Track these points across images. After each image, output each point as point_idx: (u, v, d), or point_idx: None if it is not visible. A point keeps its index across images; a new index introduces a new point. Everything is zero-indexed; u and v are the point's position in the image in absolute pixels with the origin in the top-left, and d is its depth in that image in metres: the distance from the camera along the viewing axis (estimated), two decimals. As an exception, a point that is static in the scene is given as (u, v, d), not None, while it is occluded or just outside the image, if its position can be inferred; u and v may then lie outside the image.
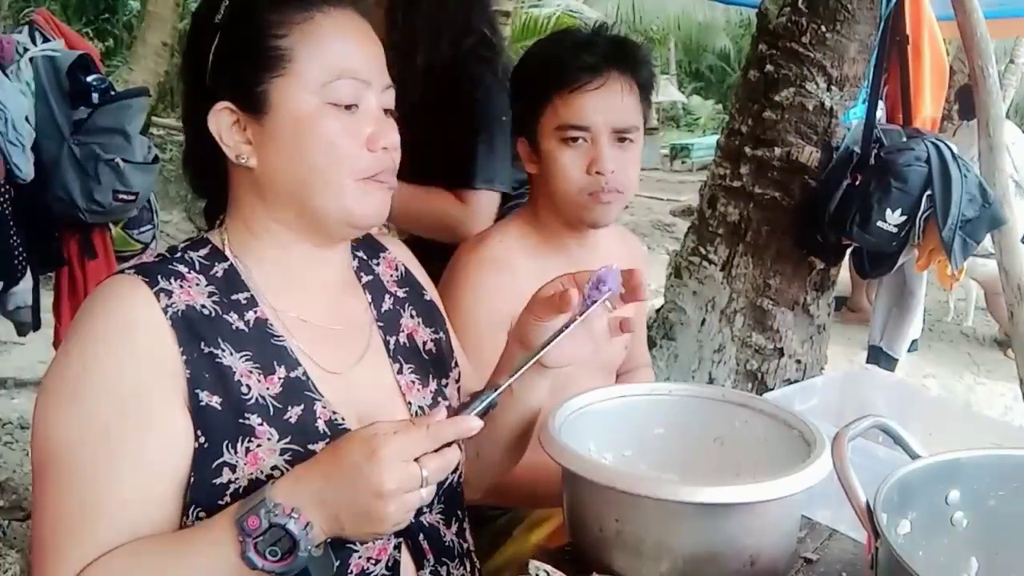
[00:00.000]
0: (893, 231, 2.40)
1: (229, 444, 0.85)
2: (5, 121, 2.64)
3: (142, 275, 0.88)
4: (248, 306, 0.92)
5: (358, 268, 1.07)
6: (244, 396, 0.87)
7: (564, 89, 1.35)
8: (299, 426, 0.89)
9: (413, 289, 1.12)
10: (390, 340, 1.04)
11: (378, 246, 1.13)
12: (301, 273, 0.97)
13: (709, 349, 2.63)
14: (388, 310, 1.06)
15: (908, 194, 2.38)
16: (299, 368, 0.92)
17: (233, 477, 0.84)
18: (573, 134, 1.36)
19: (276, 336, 0.92)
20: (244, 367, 0.88)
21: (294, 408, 0.89)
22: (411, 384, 1.03)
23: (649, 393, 1.21)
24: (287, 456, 0.86)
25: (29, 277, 2.85)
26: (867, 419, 0.89)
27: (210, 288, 0.91)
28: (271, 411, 0.88)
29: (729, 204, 2.59)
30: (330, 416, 0.91)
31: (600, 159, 1.36)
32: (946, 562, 0.88)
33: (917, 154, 2.40)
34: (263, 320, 0.93)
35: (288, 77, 0.89)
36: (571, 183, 1.38)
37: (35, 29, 2.85)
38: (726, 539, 0.94)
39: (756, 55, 2.57)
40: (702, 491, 0.92)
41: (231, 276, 0.94)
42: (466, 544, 1.07)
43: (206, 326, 0.88)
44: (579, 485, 1.00)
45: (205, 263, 0.94)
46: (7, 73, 2.70)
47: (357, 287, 1.05)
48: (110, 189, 2.85)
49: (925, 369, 4.93)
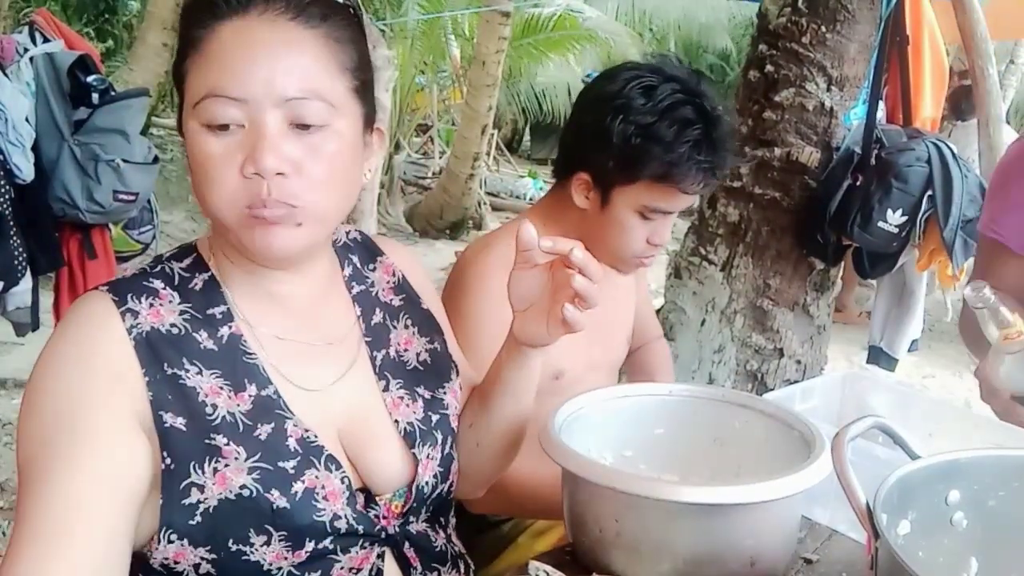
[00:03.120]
0: (894, 231, 2.40)
1: (196, 465, 0.83)
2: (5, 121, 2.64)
3: (113, 293, 0.87)
4: (223, 321, 0.91)
5: (350, 277, 1.04)
6: (209, 416, 0.85)
7: (669, 182, 1.32)
8: (268, 443, 0.87)
9: (409, 297, 1.09)
10: (377, 356, 1.01)
11: (375, 250, 1.10)
12: (275, 290, 0.94)
13: (709, 349, 2.63)
14: (378, 324, 1.03)
15: (909, 194, 2.38)
16: (270, 387, 0.90)
17: (202, 497, 0.83)
18: (654, 216, 1.37)
19: (249, 354, 0.90)
20: (212, 385, 0.87)
21: (263, 426, 0.88)
22: (398, 401, 1.00)
23: (649, 393, 1.20)
24: (255, 474, 0.85)
25: (29, 277, 2.85)
26: (867, 419, 0.89)
27: (184, 305, 0.89)
28: (240, 428, 0.86)
29: (729, 204, 2.59)
30: (302, 434, 0.89)
31: (663, 236, 1.39)
32: (946, 562, 0.88)
33: (918, 154, 2.41)
34: (237, 336, 0.91)
35: (185, 96, 0.85)
36: (630, 249, 1.39)
37: (35, 29, 2.85)
38: (726, 539, 0.94)
39: (756, 55, 2.57)
40: (702, 491, 0.92)
41: (209, 289, 0.92)
42: (457, 547, 1.07)
43: (171, 347, 0.86)
44: (579, 485, 1.00)
45: (185, 275, 0.92)
46: (7, 73, 2.70)
47: (344, 299, 1.02)
48: (110, 189, 2.86)
49: (925, 369, 4.93)
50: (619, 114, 1.31)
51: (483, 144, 7.49)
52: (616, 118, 1.30)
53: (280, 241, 0.84)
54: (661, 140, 1.29)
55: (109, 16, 11.26)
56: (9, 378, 3.86)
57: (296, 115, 0.83)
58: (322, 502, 0.88)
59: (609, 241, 1.39)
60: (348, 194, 0.90)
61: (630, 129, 1.30)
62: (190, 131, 0.84)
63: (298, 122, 0.83)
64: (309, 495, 0.87)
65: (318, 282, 0.97)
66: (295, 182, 0.83)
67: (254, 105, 0.81)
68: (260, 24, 0.83)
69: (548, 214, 1.47)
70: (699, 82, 1.34)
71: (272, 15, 0.83)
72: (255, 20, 0.83)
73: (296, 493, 0.86)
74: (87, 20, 10.57)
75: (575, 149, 1.40)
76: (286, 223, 0.84)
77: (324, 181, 0.85)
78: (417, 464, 0.97)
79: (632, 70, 1.36)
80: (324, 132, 0.84)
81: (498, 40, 6.89)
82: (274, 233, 0.84)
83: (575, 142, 1.40)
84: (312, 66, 0.84)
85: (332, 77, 0.85)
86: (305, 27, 0.84)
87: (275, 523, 0.85)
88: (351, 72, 0.87)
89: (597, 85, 1.40)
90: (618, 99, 1.32)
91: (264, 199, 0.82)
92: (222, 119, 0.82)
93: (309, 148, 0.84)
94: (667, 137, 1.29)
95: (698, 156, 1.30)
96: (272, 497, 0.85)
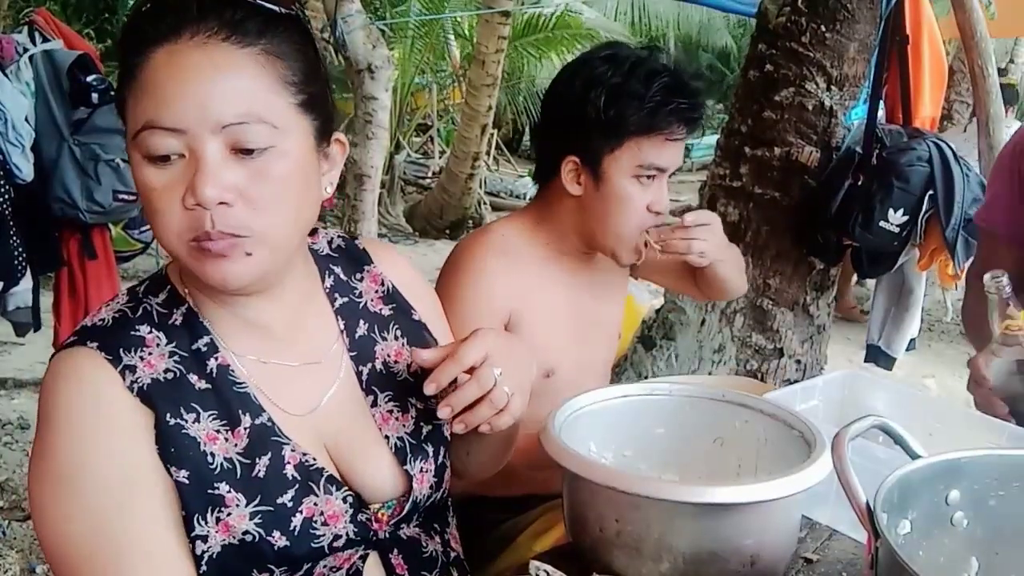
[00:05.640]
0: (895, 231, 2.40)
1: (199, 517, 0.83)
2: (5, 121, 2.64)
3: (104, 351, 0.84)
4: (209, 352, 0.89)
5: (332, 288, 1.01)
6: (210, 466, 0.85)
7: (654, 132, 1.34)
8: (267, 480, 0.86)
9: (400, 307, 1.05)
10: (363, 370, 0.98)
11: (363, 258, 1.05)
12: (250, 316, 0.91)
13: (709, 349, 2.63)
14: (363, 336, 1.00)
15: (910, 194, 2.38)
16: (263, 414, 0.89)
17: (206, 548, 0.83)
18: (651, 173, 1.37)
19: (238, 383, 0.89)
20: (210, 429, 0.86)
21: (262, 459, 0.87)
22: (387, 415, 0.97)
23: (649, 393, 1.20)
24: (257, 520, 0.85)
25: (29, 278, 2.86)
26: (867, 419, 0.89)
27: (171, 346, 0.87)
28: (238, 472, 0.86)
29: (729, 204, 2.59)
30: (300, 459, 0.89)
31: (662, 200, 1.40)
32: (946, 562, 0.88)
33: (919, 154, 2.41)
34: (224, 367, 0.89)
35: (127, 126, 0.81)
36: (633, 221, 1.39)
37: (35, 29, 2.85)
38: (726, 539, 0.94)
39: (756, 55, 2.57)
40: (702, 491, 0.92)
41: (190, 321, 0.89)
42: (453, 553, 1.05)
43: (170, 394, 0.85)
44: (579, 485, 1.00)
45: (163, 311, 0.89)
46: (7, 74, 2.70)
47: (326, 313, 0.99)
48: (110, 189, 2.86)
49: (924, 369, 4.93)
50: (588, 88, 1.34)
51: (483, 144, 7.49)
52: (587, 92, 1.34)
53: (232, 274, 0.81)
54: (635, 94, 1.32)
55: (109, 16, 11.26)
56: (9, 378, 3.86)
57: (236, 140, 0.79)
58: (321, 528, 0.88)
59: (610, 219, 1.39)
60: (303, 215, 0.86)
61: (602, 95, 1.33)
62: (133, 162, 0.81)
63: (239, 147, 0.79)
64: (307, 526, 0.87)
65: (294, 301, 0.94)
66: (240, 210, 0.79)
67: (191, 134, 0.78)
68: (192, 49, 0.78)
69: (540, 217, 1.48)
70: (653, 50, 1.40)
71: (204, 38, 0.79)
72: (187, 45, 0.79)
73: (295, 529, 0.86)
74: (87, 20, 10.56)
75: (554, 139, 1.42)
76: (234, 255, 0.81)
77: (273, 205, 0.81)
78: (411, 480, 0.96)
79: (586, 53, 1.43)
80: (268, 154, 0.80)
81: (498, 40, 6.89)
82: (224, 266, 0.81)
83: (551, 133, 1.43)
84: (249, 87, 0.79)
85: (273, 96, 0.81)
86: (240, 47, 0.80)
87: (277, 561, 0.86)
88: (296, 86, 0.83)
89: (557, 80, 1.44)
90: (582, 76, 1.36)
91: (208, 231, 0.78)
92: (161, 150, 0.78)
93: (254, 173, 0.80)
94: (640, 90, 1.32)
95: (674, 98, 1.33)
96: (273, 539, 0.85)
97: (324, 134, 0.88)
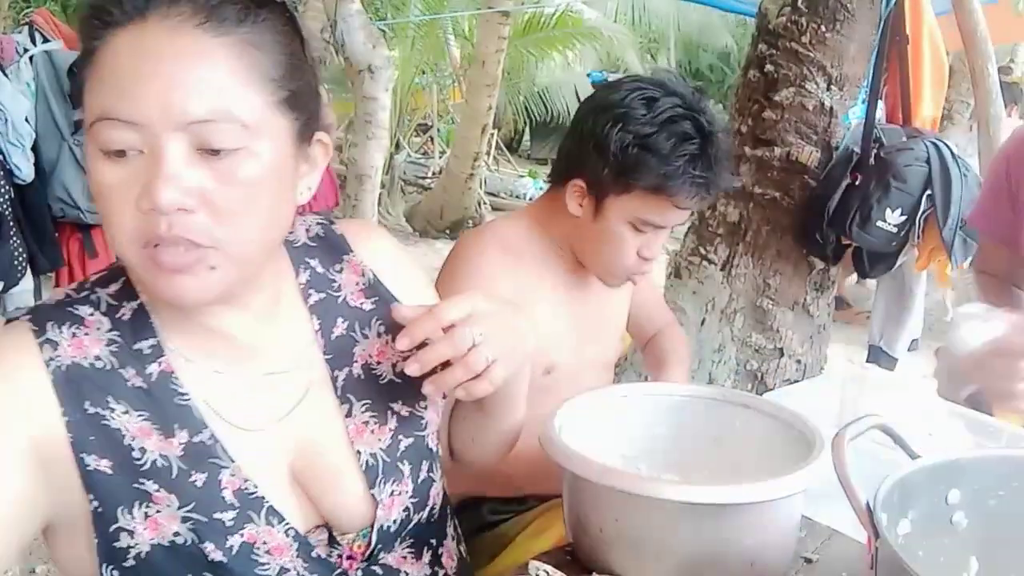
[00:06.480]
0: (893, 231, 2.40)
1: (124, 510, 0.77)
2: (5, 121, 2.65)
3: (33, 322, 0.78)
4: (152, 356, 0.80)
5: (308, 283, 0.91)
6: (137, 460, 0.77)
7: (663, 195, 1.32)
8: (204, 492, 0.79)
9: (384, 299, 0.94)
10: (339, 375, 0.89)
11: (342, 247, 0.95)
12: (210, 323, 0.82)
13: (709, 349, 2.63)
14: (340, 337, 0.91)
15: (908, 194, 2.38)
16: (204, 431, 0.80)
17: (132, 542, 0.77)
18: (645, 229, 1.37)
19: (180, 394, 0.80)
20: (139, 427, 0.78)
21: (198, 474, 0.79)
22: (362, 427, 0.89)
23: (649, 393, 1.21)
24: (189, 524, 0.78)
25: (29, 278, 2.86)
26: (867, 419, 0.89)
27: (112, 334, 0.79)
28: (173, 473, 0.78)
29: (729, 204, 2.59)
30: (240, 485, 0.81)
31: (654, 250, 1.39)
32: (946, 562, 0.88)
33: (917, 154, 2.41)
34: (167, 374, 0.80)
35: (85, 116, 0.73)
36: (621, 262, 1.39)
37: (35, 29, 2.85)
38: (726, 539, 0.94)
39: (756, 55, 2.57)
40: (702, 491, 0.92)
41: (138, 319, 0.81)
42: (442, 571, 0.98)
43: (95, 383, 0.77)
44: (579, 485, 1.00)
45: (112, 303, 0.81)
46: (7, 74, 2.70)
47: (299, 313, 0.90)
48: (110, 189, 2.85)
49: (925, 369, 4.92)
50: (618, 123, 1.31)
51: (483, 144, 7.48)
52: (615, 126, 1.31)
53: (192, 291, 0.73)
54: (658, 151, 1.30)
55: (109, 16, 11.23)
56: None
57: (202, 140, 0.70)
58: (264, 556, 0.81)
59: (600, 252, 1.40)
60: (274, 224, 0.78)
61: (628, 138, 1.30)
62: (88, 154, 0.73)
63: (205, 147, 0.71)
64: (247, 550, 0.80)
65: (262, 306, 0.84)
66: (203, 218, 0.71)
67: (151, 130, 0.69)
68: (160, 33, 0.70)
69: (540, 218, 1.48)
70: (700, 99, 1.35)
71: (174, 21, 0.70)
72: (154, 28, 0.70)
73: (232, 548, 0.79)
74: (87, 20, 10.55)
75: (573, 155, 1.40)
76: (196, 268, 0.72)
77: (240, 213, 0.73)
78: (378, 506, 0.88)
79: (635, 81, 1.37)
80: (238, 156, 0.72)
81: (498, 40, 6.89)
82: (181, 281, 0.72)
83: (573, 148, 1.40)
84: (223, 81, 0.71)
85: (249, 92, 0.72)
86: (215, 34, 0.71)
87: (215, 573, 0.79)
88: (276, 82, 0.74)
89: (600, 93, 1.41)
90: (619, 108, 1.33)
91: (162, 235, 0.70)
92: (116, 144, 0.70)
93: (220, 176, 0.71)
94: (664, 149, 1.30)
95: (693, 170, 1.31)
96: (207, 549, 0.78)
97: (305, 135, 0.80)
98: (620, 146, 1.31)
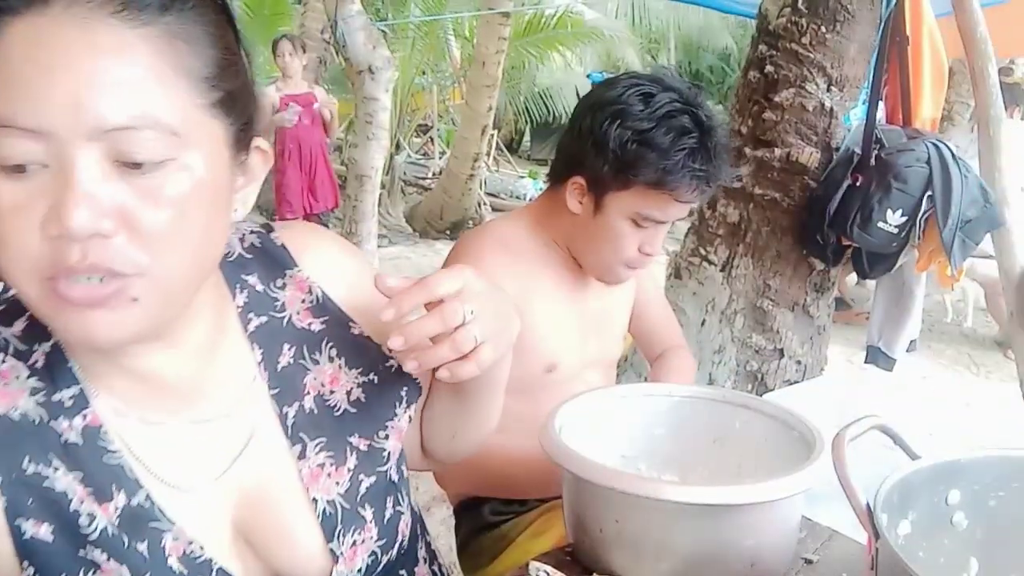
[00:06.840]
0: (893, 232, 2.40)
1: None
2: (5, 121, 2.64)
3: None
4: (76, 408, 0.69)
5: (246, 306, 0.79)
6: (83, 529, 0.68)
7: (663, 189, 1.32)
8: (152, 560, 0.71)
9: (335, 319, 0.83)
10: (288, 411, 0.79)
11: (283, 260, 0.82)
12: (133, 364, 0.70)
13: (709, 350, 2.63)
14: (287, 367, 0.80)
15: (909, 195, 2.38)
16: (140, 492, 0.71)
17: None
18: (646, 224, 1.37)
19: (110, 451, 0.70)
20: (80, 491, 0.69)
21: (138, 543, 0.71)
22: (318, 471, 0.79)
23: (649, 393, 1.21)
24: None
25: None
26: (867, 419, 0.89)
27: (32, 381, 0.69)
28: (123, 543, 0.70)
29: (729, 205, 2.59)
30: (184, 549, 0.72)
31: (655, 245, 1.39)
32: (946, 562, 0.88)
33: (918, 155, 2.41)
34: (94, 428, 0.70)
35: None
36: (621, 256, 1.39)
37: None
38: (726, 540, 0.94)
39: (756, 56, 2.57)
40: (702, 491, 0.92)
41: (55, 363, 0.70)
42: None
43: (28, 438, 0.67)
44: (579, 485, 1.00)
45: (22, 346, 0.69)
46: None
47: (238, 343, 0.78)
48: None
49: (924, 369, 4.93)
50: (616, 119, 1.32)
51: (483, 144, 7.49)
52: (614, 123, 1.32)
53: (104, 328, 0.61)
54: (657, 146, 1.30)
55: (109, 16, 11.23)
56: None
57: (121, 150, 0.58)
58: None
59: (600, 248, 1.40)
60: (207, 249, 0.67)
61: (627, 134, 1.31)
62: None
63: (124, 159, 0.59)
64: None
65: (195, 343, 0.73)
66: (123, 243, 0.59)
67: (58, 140, 0.57)
68: (65, 24, 0.57)
69: (540, 216, 1.48)
70: (697, 95, 1.36)
71: (84, 8, 0.58)
72: (59, 18, 0.57)
73: None
74: (87, 20, 10.56)
75: (572, 153, 1.40)
76: (113, 301, 0.60)
77: (167, 237, 0.61)
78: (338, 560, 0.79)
79: (632, 78, 1.37)
80: (164, 169, 0.60)
81: (498, 40, 6.89)
82: (94, 318, 0.60)
83: (572, 146, 1.40)
84: (143, 81, 0.59)
85: (177, 93, 0.61)
86: (134, 25, 0.59)
87: None
88: (208, 82, 0.63)
89: (597, 91, 1.41)
90: (616, 104, 1.33)
91: (74, 266, 0.58)
92: (14, 158, 0.57)
93: (143, 193, 0.60)
94: (663, 144, 1.30)
95: (693, 164, 1.31)
96: None
97: (242, 142, 0.69)
98: (619, 142, 1.31)
